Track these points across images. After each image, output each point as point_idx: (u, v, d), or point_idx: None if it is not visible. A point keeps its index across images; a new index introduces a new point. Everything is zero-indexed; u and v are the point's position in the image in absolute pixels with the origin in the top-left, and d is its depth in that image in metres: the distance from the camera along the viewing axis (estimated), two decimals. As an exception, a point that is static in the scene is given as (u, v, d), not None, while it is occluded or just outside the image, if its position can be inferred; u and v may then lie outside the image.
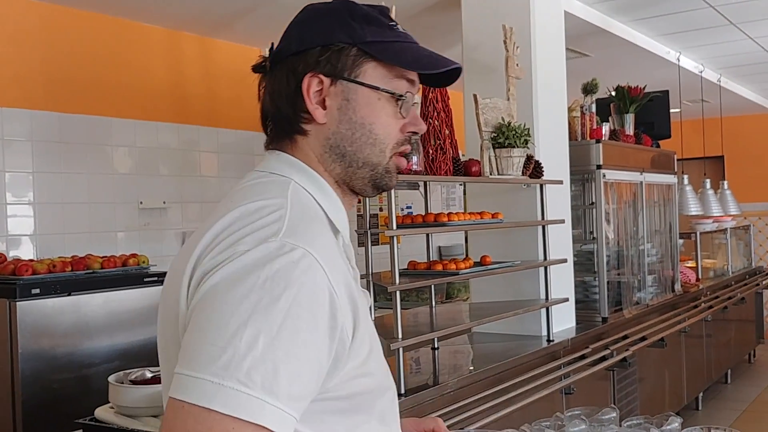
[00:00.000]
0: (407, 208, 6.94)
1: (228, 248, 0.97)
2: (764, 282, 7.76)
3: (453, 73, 1.19)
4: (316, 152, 1.15)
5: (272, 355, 0.90)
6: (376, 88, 1.14)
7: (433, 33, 4.82)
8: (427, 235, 3.70)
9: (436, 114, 3.07)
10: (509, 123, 3.43)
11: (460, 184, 7.02)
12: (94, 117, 4.60)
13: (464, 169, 3.27)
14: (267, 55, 1.20)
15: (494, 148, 3.41)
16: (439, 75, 1.18)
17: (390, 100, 1.15)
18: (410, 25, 4.75)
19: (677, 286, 5.72)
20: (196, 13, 4.71)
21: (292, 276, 0.94)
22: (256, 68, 1.21)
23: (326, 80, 1.13)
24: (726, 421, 5.84)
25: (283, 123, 1.17)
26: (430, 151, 3.02)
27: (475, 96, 3.39)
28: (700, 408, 6.17)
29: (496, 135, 3.41)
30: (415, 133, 1.19)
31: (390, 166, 1.18)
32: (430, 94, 3.07)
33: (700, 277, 6.43)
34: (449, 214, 3.24)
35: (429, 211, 3.44)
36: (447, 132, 3.18)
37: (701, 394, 6.21)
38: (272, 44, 1.20)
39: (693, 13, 5.31)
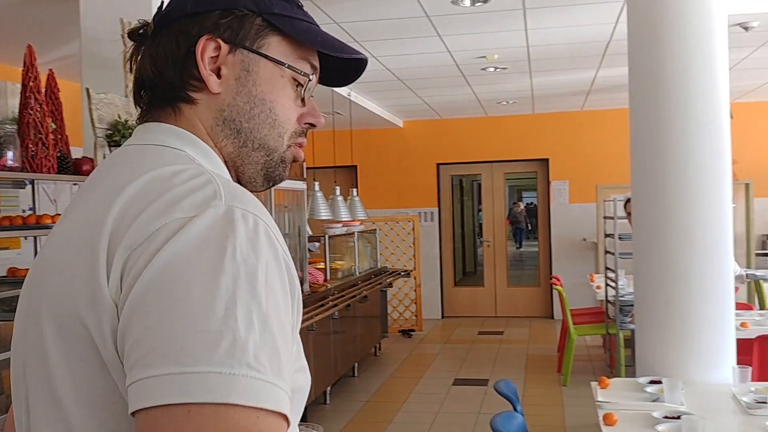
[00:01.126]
0: (30, 209, 6.34)
1: (159, 216, 0.80)
2: (387, 281, 8.50)
3: (357, 69, 1.09)
4: (206, 124, 0.98)
5: (269, 335, 0.76)
6: (281, 63, 0.99)
7: (50, 24, 4.46)
8: (35, 238, 3.41)
9: (38, 105, 2.82)
10: (126, 121, 3.29)
11: (75, 184, 6.61)
12: None
13: (74, 167, 3.07)
14: (149, 21, 1.00)
15: (110, 146, 3.25)
16: (339, 73, 1.09)
17: (291, 83, 1.01)
18: (25, 16, 4.30)
19: (306, 287, 6.01)
20: None
21: (258, 244, 0.80)
22: (133, 34, 1.01)
23: (225, 46, 0.96)
24: (351, 413, 6.27)
25: (165, 90, 0.97)
26: (30, 146, 2.76)
27: (87, 90, 3.19)
28: (328, 402, 6.51)
29: (111, 132, 3.25)
30: (312, 125, 1.06)
31: (287, 155, 1.03)
32: (31, 83, 2.81)
33: (328, 277, 6.83)
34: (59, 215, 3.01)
35: (38, 213, 3.17)
36: (53, 126, 2.95)
37: (329, 389, 6.55)
38: (162, 3, 1.00)
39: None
